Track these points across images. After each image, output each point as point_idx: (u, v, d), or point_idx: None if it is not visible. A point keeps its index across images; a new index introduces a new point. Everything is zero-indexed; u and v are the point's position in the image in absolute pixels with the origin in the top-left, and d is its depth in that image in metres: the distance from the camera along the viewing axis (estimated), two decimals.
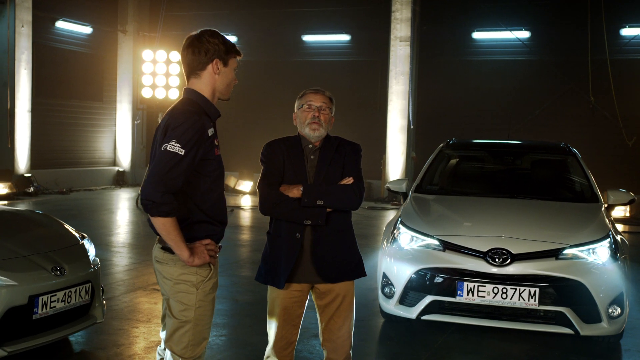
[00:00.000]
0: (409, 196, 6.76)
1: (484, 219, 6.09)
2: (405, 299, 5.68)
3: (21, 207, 14.09)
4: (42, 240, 5.12)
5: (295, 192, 3.67)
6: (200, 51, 3.25)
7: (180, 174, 3.07)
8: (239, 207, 15.46)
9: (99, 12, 19.11)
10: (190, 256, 3.15)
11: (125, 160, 19.95)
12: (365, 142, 17.93)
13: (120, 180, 19.50)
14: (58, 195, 16.50)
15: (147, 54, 14.55)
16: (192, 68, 3.29)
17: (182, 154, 3.06)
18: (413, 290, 5.63)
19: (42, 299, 4.63)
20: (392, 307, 5.75)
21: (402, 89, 17.16)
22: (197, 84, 3.30)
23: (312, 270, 3.75)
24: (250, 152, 18.92)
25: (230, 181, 18.58)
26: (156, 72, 14.46)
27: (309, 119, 3.76)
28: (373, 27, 18.27)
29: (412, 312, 5.62)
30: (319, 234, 3.72)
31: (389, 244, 6.00)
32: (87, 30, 18.78)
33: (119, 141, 20.03)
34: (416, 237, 5.81)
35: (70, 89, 18.34)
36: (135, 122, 19.85)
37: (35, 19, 16.50)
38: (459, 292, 5.42)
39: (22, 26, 16.06)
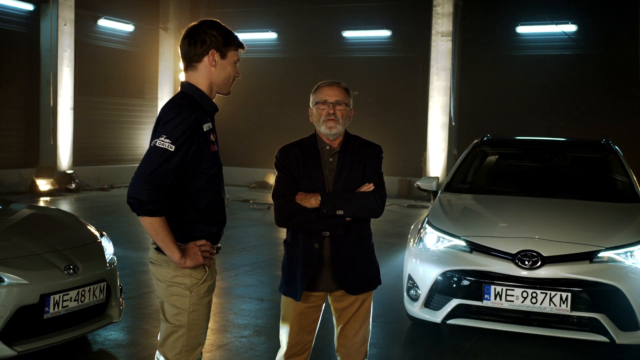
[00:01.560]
0: (438, 195, 6.53)
1: (514, 219, 5.82)
2: (431, 302, 5.45)
3: (62, 203, 14.26)
4: (58, 238, 5.05)
5: (312, 202, 3.46)
6: (196, 42, 3.10)
7: (170, 172, 2.91)
8: None
9: (140, 10, 19.24)
10: (182, 257, 2.99)
11: None
12: (406, 139, 17.82)
13: None
14: (99, 192, 16.65)
15: None
16: (188, 60, 3.14)
17: (172, 150, 2.90)
18: (438, 293, 5.40)
19: (54, 298, 4.56)
20: (417, 310, 5.54)
21: (444, 85, 16.83)
22: (193, 77, 3.14)
23: (331, 281, 3.58)
24: None
25: (270, 178, 18.50)
26: None
27: (324, 116, 3.54)
28: (414, 22, 17.97)
29: (437, 316, 5.39)
30: (338, 244, 3.53)
31: (415, 244, 5.79)
32: (129, 28, 18.92)
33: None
34: (442, 238, 5.58)
35: (112, 86, 18.51)
36: None
37: (77, 17, 16.67)
38: (486, 296, 5.17)
39: (65, 24, 16.25)
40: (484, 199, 6.47)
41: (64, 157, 16.46)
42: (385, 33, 18.38)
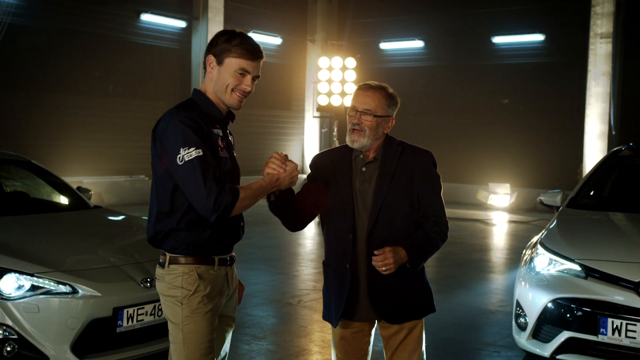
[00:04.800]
0: (558, 211, 5.82)
1: None
2: (539, 333, 4.81)
3: None
4: (141, 250, 4.97)
5: (402, 255, 2.99)
6: (208, 47, 3.02)
7: (213, 166, 2.81)
8: None
9: (288, 23, 19.51)
10: (273, 188, 2.96)
11: None
12: (560, 150, 16.63)
13: None
14: None
15: (323, 61, 14.50)
16: (203, 64, 3.04)
17: (202, 153, 2.77)
18: (548, 324, 4.75)
19: (128, 311, 4.47)
20: (524, 341, 4.91)
21: (602, 91, 15.54)
22: (204, 82, 3.03)
23: (369, 308, 3.16)
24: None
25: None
26: (332, 79, 14.35)
27: (350, 125, 3.15)
28: (569, 25, 16.76)
29: (545, 349, 4.73)
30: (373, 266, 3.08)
31: (524, 267, 5.16)
32: (277, 41, 19.23)
33: (306, 149, 20.29)
34: (555, 261, 4.91)
35: (260, 98, 18.86)
36: (322, 130, 19.97)
37: None
38: (601, 330, 4.47)
39: None
40: (611, 217, 5.67)
41: None
42: (538, 37, 17.29)
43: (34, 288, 4.30)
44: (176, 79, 17.06)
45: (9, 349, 4.21)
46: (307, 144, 20.27)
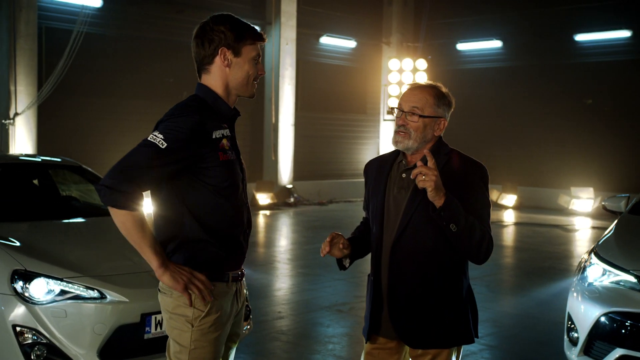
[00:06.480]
0: (618, 218, 5.40)
1: None
2: (591, 349, 4.46)
3: (280, 216, 14.63)
4: None
5: (442, 187, 2.68)
6: (204, 42, 2.70)
7: (151, 169, 2.52)
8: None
9: (363, 26, 19.31)
10: (161, 267, 2.58)
11: None
12: None
13: None
14: (315, 207, 16.87)
15: (393, 63, 14.29)
16: (199, 63, 2.76)
17: (164, 147, 2.51)
18: (600, 339, 4.39)
19: (156, 317, 4.41)
20: (575, 357, 4.57)
21: None
22: (207, 81, 2.76)
23: (390, 325, 2.93)
24: (514, 163, 17.59)
25: (493, 194, 17.43)
26: (402, 81, 14.11)
27: (395, 126, 2.94)
28: None
29: None
30: (397, 276, 2.87)
31: (577, 277, 4.81)
32: (351, 44, 19.07)
33: (382, 152, 20.02)
34: (609, 271, 4.54)
35: (334, 102, 18.77)
36: None
37: (299, 36, 17.16)
38: None
39: (287, 44, 16.81)
40: None
41: (285, 172, 16.96)
42: (624, 34, 16.41)
43: (62, 293, 4.29)
44: None
45: (38, 353, 4.22)
46: (382, 148, 20.00)
